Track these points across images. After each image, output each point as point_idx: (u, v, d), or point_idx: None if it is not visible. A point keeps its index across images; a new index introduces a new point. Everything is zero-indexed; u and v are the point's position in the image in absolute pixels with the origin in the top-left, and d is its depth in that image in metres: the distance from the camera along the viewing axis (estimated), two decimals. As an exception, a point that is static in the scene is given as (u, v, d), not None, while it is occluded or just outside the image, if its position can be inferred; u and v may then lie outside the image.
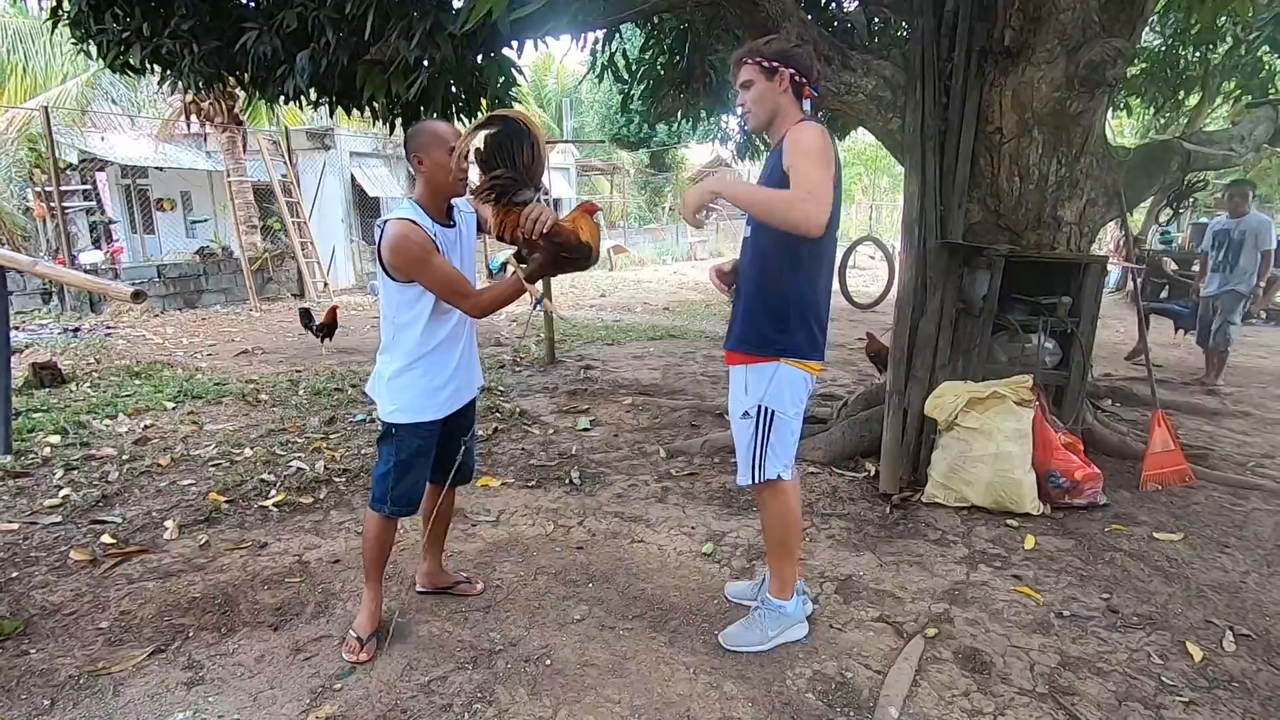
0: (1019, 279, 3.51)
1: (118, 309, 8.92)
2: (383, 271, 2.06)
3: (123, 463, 3.74)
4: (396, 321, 2.09)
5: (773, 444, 2.12)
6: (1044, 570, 2.74)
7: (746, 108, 2.08)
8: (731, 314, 2.23)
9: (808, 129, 1.94)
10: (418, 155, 2.04)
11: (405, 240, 1.96)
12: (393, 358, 2.12)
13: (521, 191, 1.92)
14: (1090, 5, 3.14)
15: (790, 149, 1.91)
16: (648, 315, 9.93)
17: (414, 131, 2.10)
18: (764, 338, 2.07)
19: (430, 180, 2.05)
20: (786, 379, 2.08)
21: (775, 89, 2.03)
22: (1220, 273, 5.68)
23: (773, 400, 2.09)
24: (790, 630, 2.26)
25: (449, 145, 2.01)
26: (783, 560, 2.25)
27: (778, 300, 2.05)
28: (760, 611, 2.27)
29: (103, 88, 11.96)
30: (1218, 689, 2.08)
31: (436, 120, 2.17)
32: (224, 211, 12.46)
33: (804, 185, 1.84)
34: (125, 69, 3.93)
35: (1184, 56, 5.83)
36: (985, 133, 3.43)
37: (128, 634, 2.30)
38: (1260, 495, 3.46)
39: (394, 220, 1.99)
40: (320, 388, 5.38)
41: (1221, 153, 4.25)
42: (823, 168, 1.86)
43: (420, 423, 2.13)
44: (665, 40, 5.35)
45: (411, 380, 2.10)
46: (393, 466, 2.14)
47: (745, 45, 2.10)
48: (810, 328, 2.07)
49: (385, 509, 2.16)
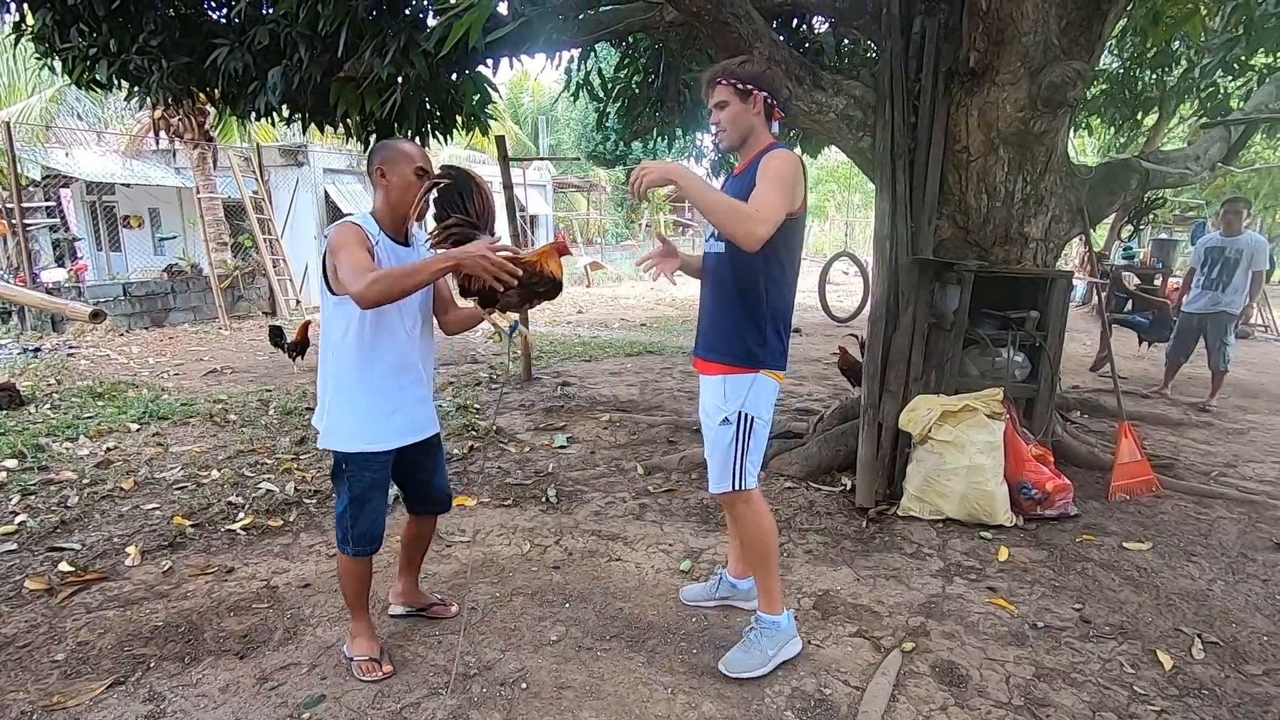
0: (988, 294, 3.58)
1: (80, 328, 8.69)
2: (324, 284, 2.00)
3: (83, 487, 3.63)
4: (335, 339, 2.02)
5: (750, 450, 2.14)
6: (1018, 582, 2.77)
7: (721, 127, 2.11)
8: (700, 321, 2.24)
9: (783, 156, 1.98)
10: (381, 168, 2.02)
11: (338, 232, 1.92)
12: (333, 381, 2.04)
13: (479, 236, 2.00)
14: (1051, 29, 3.24)
15: (762, 171, 1.96)
16: (625, 331, 9.93)
17: (381, 146, 2.08)
18: (746, 350, 2.10)
19: (389, 195, 2.03)
20: (763, 388, 2.13)
21: (749, 111, 2.07)
22: (1211, 290, 5.52)
23: (751, 407, 2.12)
24: (787, 646, 2.23)
25: (416, 164, 2.01)
26: (767, 572, 2.22)
27: (757, 313, 2.08)
28: (754, 632, 2.22)
29: (68, 103, 11.76)
30: (1188, 697, 2.11)
31: (404, 140, 2.14)
32: (193, 228, 12.26)
33: (761, 205, 1.90)
34: (92, 85, 3.87)
35: (1141, 79, 6.04)
36: (953, 151, 3.51)
37: (85, 666, 2.21)
38: (1224, 503, 3.54)
39: (338, 223, 1.98)
40: (291, 407, 5.28)
41: (1178, 171, 4.40)
42: (784, 195, 1.92)
43: (367, 453, 2.05)
44: (640, 59, 5.41)
45: (354, 403, 2.02)
46: (349, 504, 2.07)
47: (719, 65, 2.14)
48: (783, 339, 2.15)
49: (350, 549, 2.11)
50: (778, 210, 1.91)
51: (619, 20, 4.05)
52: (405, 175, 2.01)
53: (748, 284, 2.08)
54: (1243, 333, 9.45)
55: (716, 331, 2.15)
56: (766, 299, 2.08)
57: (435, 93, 3.75)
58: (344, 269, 1.85)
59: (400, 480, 2.29)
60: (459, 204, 2.02)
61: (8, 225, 9.82)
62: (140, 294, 9.96)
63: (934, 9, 3.48)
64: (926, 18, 3.46)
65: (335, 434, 2.05)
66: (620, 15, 4.06)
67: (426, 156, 2.09)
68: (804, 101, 3.50)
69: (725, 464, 2.15)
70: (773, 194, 1.91)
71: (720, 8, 3.21)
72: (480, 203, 2.03)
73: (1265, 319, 10.28)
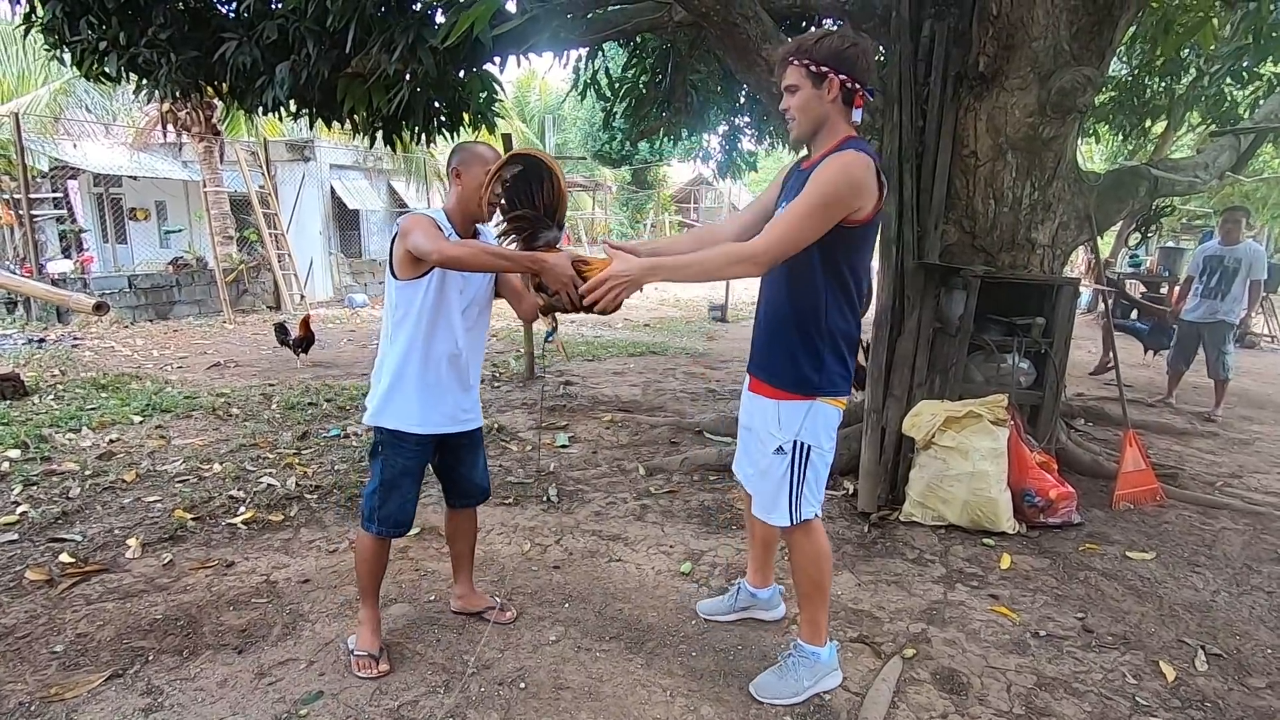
0: (994, 299, 3.56)
1: (85, 319, 8.71)
2: (389, 269, 2.08)
3: (85, 478, 3.63)
4: (395, 323, 2.10)
5: (809, 481, 1.96)
6: (1020, 589, 2.75)
7: (790, 114, 1.86)
8: (755, 334, 2.06)
9: (843, 162, 1.74)
10: (457, 169, 2.09)
11: (415, 218, 1.99)
12: (389, 363, 2.13)
13: (543, 233, 1.98)
14: (1061, 34, 3.23)
15: (810, 181, 1.75)
16: (628, 331, 9.92)
17: (459, 147, 2.15)
18: (801, 377, 1.91)
19: (462, 196, 2.10)
20: (822, 415, 1.94)
21: (823, 97, 1.81)
22: (1210, 299, 5.50)
23: (808, 435, 1.93)
24: (825, 679, 2.10)
25: (488, 168, 2.04)
26: (817, 605, 2.07)
27: (816, 337, 1.89)
28: (793, 659, 2.09)
29: (77, 95, 11.80)
30: (1191, 709, 2.09)
31: (485, 145, 2.19)
32: (199, 221, 12.30)
33: (771, 234, 1.74)
34: (101, 77, 3.87)
35: (1150, 86, 6.01)
36: (961, 156, 3.50)
37: (84, 657, 2.21)
38: (1229, 514, 3.52)
39: (410, 213, 2.04)
40: (294, 402, 5.28)
41: (1187, 179, 4.38)
42: (818, 217, 1.72)
43: (403, 433, 2.11)
44: (647, 59, 5.41)
45: (403, 384, 2.10)
46: (379, 485, 2.14)
47: (793, 41, 1.87)
48: (846, 363, 1.94)
49: (374, 528, 2.16)
50: (798, 233, 1.72)
51: (627, 20, 4.04)
52: (478, 177, 2.04)
53: (805, 303, 1.87)
54: (1248, 343, 9.42)
55: (770, 352, 1.97)
56: (825, 319, 1.87)
57: (442, 90, 3.75)
58: (424, 238, 1.91)
59: (440, 471, 2.35)
60: (529, 194, 1.99)
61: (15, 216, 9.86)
62: (145, 286, 9.98)
63: (944, 13, 3.46)
64: (936, 21, 3.44)
65: (381, 411, 2.12)
66: (628, 15, 4.06)
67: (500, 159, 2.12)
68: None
69: (779, 494, 1.97)
70: (803, 213, 1.72)
71: (729, 8, 3.20)
72: (552, 193, 1.98)
73: (1271, 329, 10.23)
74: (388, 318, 2.14)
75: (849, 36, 1.83)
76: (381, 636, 2.24)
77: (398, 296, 2.09)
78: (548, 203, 1.99)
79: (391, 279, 2.09)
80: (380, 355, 2.17)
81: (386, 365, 2.13)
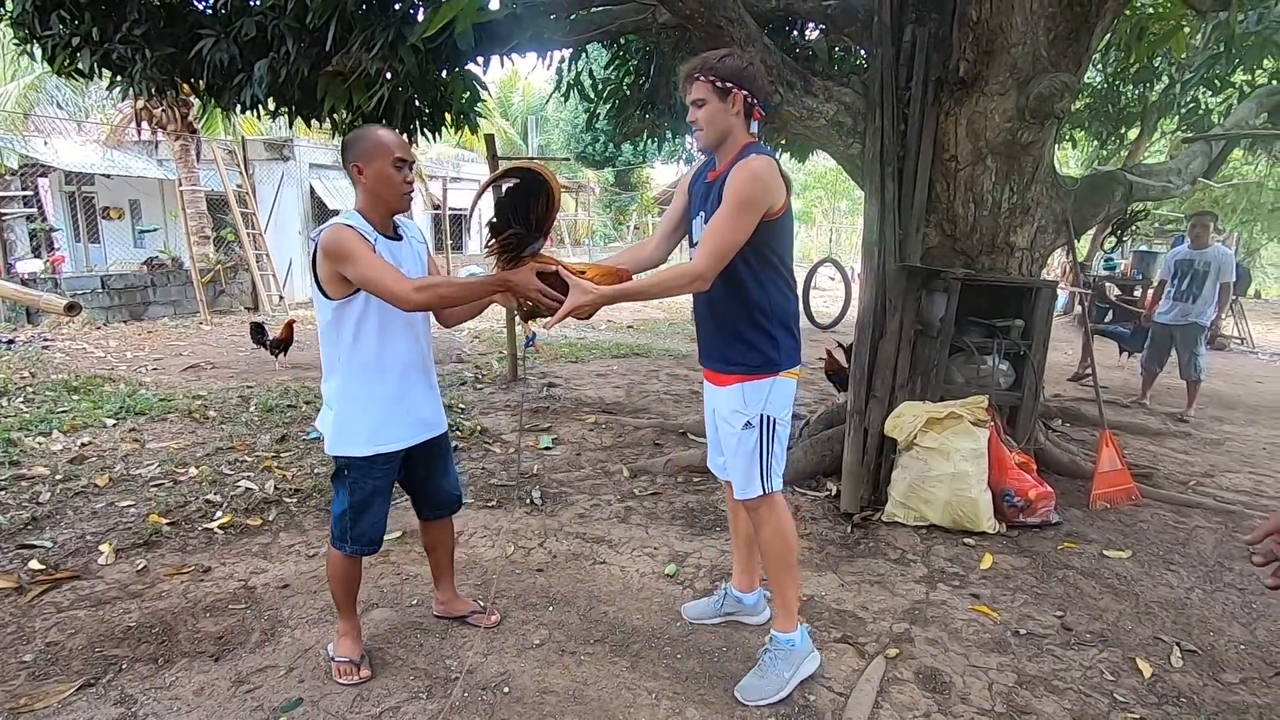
0: (974, 302, 3.60)
1: (56, 321, 8.52)
2: (317, 290, 1.93)
3: (56, 483, 3.55)
4: (337, 344, 1.96)
5: (775, 453, 2.11)
6: (1000, 589, 2.78)
7: (698, 126, 2.02)
8: (702, 329, 2.17)
9: (748, 169, 1.91)
10: (356, 164, 1.92)
11: (336, 237, 1.83)
12: (337, 385, 2.00)
13: (530, 245, 1.93)
14: (1039, 41, 3.27)
15: (725, 191, 1.91)
16: (611, 333, 9.91)
17: (353, 138, 1.96)
18: (763, 358, 2.06)
19: (371, 191, 1.94)
20: (782, 389, 2.10)
21: (728, 110, 1.97)
22: (1182, 302, 5.63)
23: (773, 408, 2.09)
24: (804, 665, 2.15)
25: (393, 155, 1.92)
26: (787, 582, 2.14)
27: (766, 320, 2.05)
28: (770, 655, 2.14)
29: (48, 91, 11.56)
30: (1167, 704, 2.12)
31: (379, 127, 1.99)
32: (175, 221, 12.08)
33: (706, 246, 1.90)
34: (73, 73, 3.79)
35: (1124, 93, 6.14)
36: (941, 160, 3.53)
37: (54, 667, 2.16)
38: (1201, 513, 3.59)
39: (328, 226, 1.88)
40: (273, 404, 5.20)
41: (1160, 184, 4.46)
42: (742, 219, 1.90)
43: (370, 456, 2.00)
44: (631, 61, 5.40)
45: (366, 407, 1.99)
46: (348, 507, 2.04)
47: (698, 59, 2.00)
48: (794, 336, 2.11)
49: (347, 548, 2.07)
50: (728, 243, 1.90)
51: (611, 21, 4.03)
52: (383, 170, 1.91)
53: (751, 295, 2.03)
54: (1219, 345, 9.62)
55: (725, 343, 2.09)
56: (770, 301, 2.05)
57: (424, 89, 3.72)
58: (374, 274, 1.80)
59: (409, 484, 2.24)
60: (521, 211, 1.87)
61: (-17, 214, 9.62)
62: (119, 287, 9.78)
63: (925, 18, 3.50)
64: (917, 26, 3.48)
65: (346, 440, 1.99)
66: (612, 16, 4.05)
67: (404, 144, 1.98)
68: (795, 107, 3.51)
69: (751, 467, 2.09)
70: (727, 224, 1.89)
71: (713, 11, 3.21)
72: (546, 206, 1.87)
73: (1241, 331, 10.46)
74: (329, 339, 1.98)
75: (747, 56, 2.05)
76: (363, 642, 2.21)
77: (334, 316, 1.93)
78: (539, 216, 1.90)
79: (324, 300, 1.93)
80: (327, 377, 2.02)
81: (340, 390, 1.99)
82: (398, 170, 1.94)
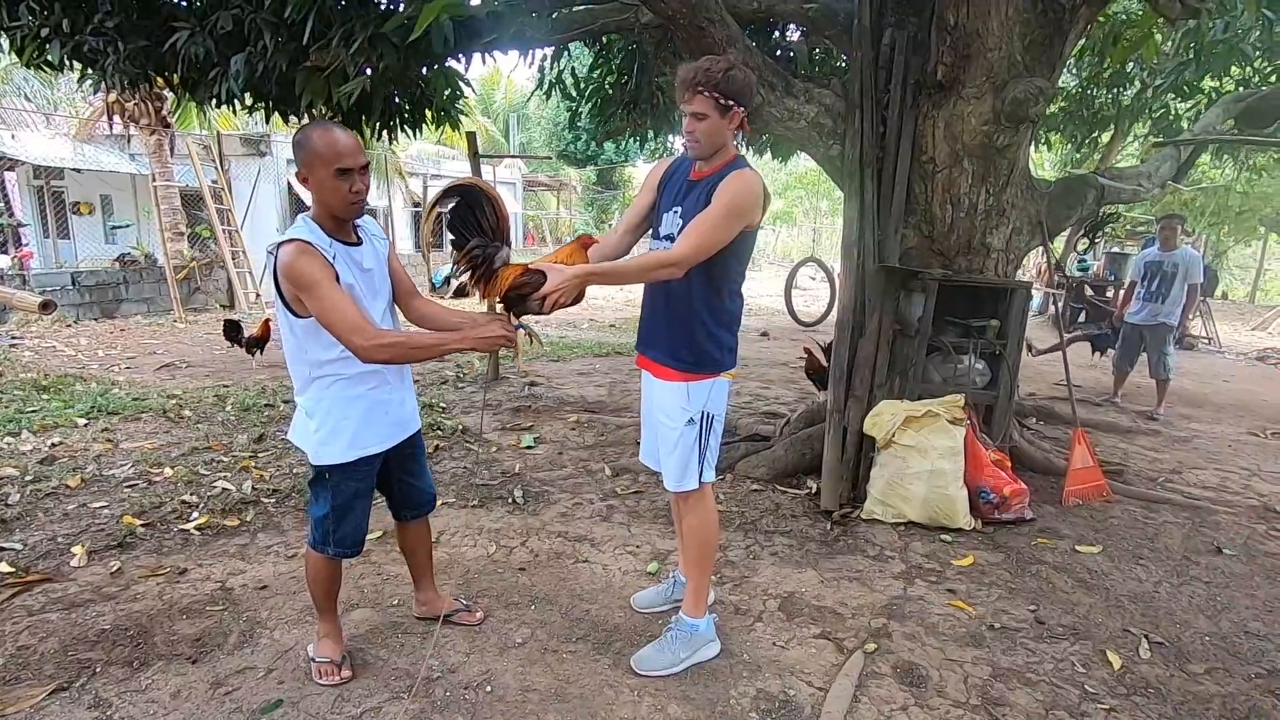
0: (951, 302, 3.66)
1: (25, 318, 8.32)
2: (283, 307, 1.86)
3: (25, 484, 3.47)
4: (311, 356, 1.91)
5: (710, 447, 2.20)
6: (976, 584, 2.83)
7: (695, 138, 2.04)
8: (653, 320, 2.21)
9: (745, 180, 1.98)
10: (301, 174, 1.86)
11: (293, 264, 1.76)
12: (309, 396, 1.97)
13: (496, 255, 1.97)
14: (1015, 45, 3.33)
15: (720, 194, 1.97)
16: (594, 331, 9.90)
17: (296, 142, 1.86)
18: (708, 358, 2.14)
19: (320, 198, 1.86)
20: (720, 388, 2.20)
21: (727, 126, 2.02)
22: (1152, 303, 5.78)
23: (713, 406, 2.18)
24: (702, 650, 2.26)
25: (333, 166, 1.79)
26: (703, 572, 2.27)
27: (717, 324, 2.13)
28: (672, 633, 2.26)
29: (15, 83, 11.29)
30: (1136, 695, 2.18)
31: (322, 128, 1.84)
32: (148, 217, 11.85)
33: (691, 240, 1.94)
34: (43, 66, 3.70)
35: (1098, 98, 6.26)
36: (920, 162, 3.58)
37: (26, 671, 2.12)
38: (1170, 509, 3.68)
39: (285, 244, 1.79)
40: (250, 403, 5.13)
41: (1131, 187, 4.56)
42: (730, 225, 1.97)
43: (352, 462, 1.99)
44: (614, 60, 5.41)
45: (343, 416, 1.96)
46: (330, 511, 2.01)
47: (701, 69, 1.98)
48: (735, 341, 2.21)
49: (330, 551, 2.05)
50: (712, 241, 1.95)
51: (593, 20, 4.03)
52: (325, 181, 1.82)
53: (713, 299, 2.10)
54: (1187, 345, 9.85)
55: (679, 340, 2.13)
56: (725, 307, 2.13)
57: (405, 85, 3.68)
58: (334, 319, 1.74)
59: (384, 486, 2.21)
60: (474, 222, 1.97)
61: (-53, 209, 9.37)
62: (90, 284, 9.58)
63: (904, 22, 3.55)
64: (896, 30, 3.52)
65: (328, 449, 1.96)
66: (595, 15, 4.05)
67: (352, 148, 1.82)
68: (776, 108, 3.54)
69: (688, 462, 2.18)
70: (716, 224, 1.95)
71: (695, 12, 3.22)
72: (494, 214, 1.98)
73: (1208, 331, 10.72)
74: (298, 355, 1.92)
75: (747, 70, 2.06)
76: (343, 643, 2.19)
77: (304, 331, 1.87)
78: (492, 224, 1.98)
79: (290, 317, 1.86)
80: (301, 390, 1.98)
81: (316, 402, 1.95)
82: (342, 180, 1.81)
